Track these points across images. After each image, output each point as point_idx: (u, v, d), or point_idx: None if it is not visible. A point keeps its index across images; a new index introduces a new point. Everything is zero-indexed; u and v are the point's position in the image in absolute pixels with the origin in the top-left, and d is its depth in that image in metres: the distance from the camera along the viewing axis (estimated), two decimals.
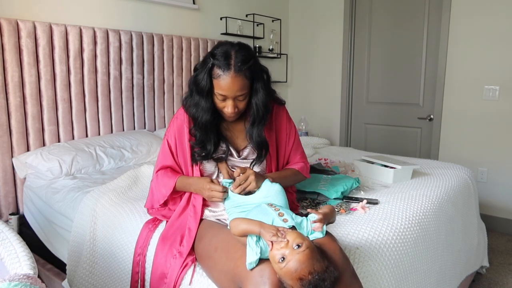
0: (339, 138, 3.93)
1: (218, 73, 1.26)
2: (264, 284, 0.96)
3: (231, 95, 1.28)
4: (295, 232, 1.00)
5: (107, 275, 1.56)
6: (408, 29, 3.37)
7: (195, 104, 1.34)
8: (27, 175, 2.19)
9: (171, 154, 1.42)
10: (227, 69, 1.25)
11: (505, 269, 2.50)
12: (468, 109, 3.11)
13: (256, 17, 3.63)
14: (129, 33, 2.63)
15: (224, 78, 1.25)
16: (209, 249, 1.20)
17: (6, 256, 1.07)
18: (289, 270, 0.93)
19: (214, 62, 1.27)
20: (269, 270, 0.98)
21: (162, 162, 1.43)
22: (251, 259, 0.99)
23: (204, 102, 1.32)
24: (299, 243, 0.95)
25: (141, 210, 1.60)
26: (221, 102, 1.31)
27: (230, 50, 1.27)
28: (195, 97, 1.33)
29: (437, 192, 1.81)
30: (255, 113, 1.36)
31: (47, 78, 2.25)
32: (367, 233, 1.34)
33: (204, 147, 1.37)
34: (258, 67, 1.33)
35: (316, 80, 4.02)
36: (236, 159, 1.42)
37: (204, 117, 1.33)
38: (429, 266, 1.52)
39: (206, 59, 1.31)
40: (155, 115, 2.89)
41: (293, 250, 0.94)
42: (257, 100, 1.34)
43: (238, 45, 1.31)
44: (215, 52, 1.29)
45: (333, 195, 1.70)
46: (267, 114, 1.38)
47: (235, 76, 1.25)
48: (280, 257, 0.94)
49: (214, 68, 1.27)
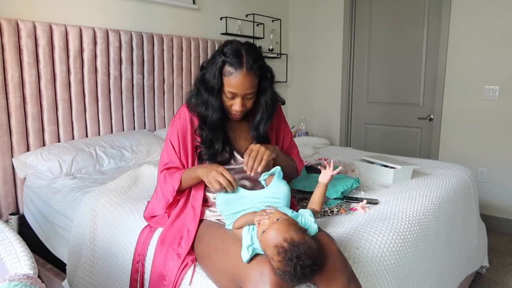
0: (339, 138, 3.93)
1: (230, 70, 1.26)
2: (264, 283, 0.97)
3: (241, 92, 1.28)
4: (278, 211, 1.07)
5: (107, 275, 1.56)
6: (408, 29, 3.37)
7: (203, 102, 1.33)
8: (27, 175, 2.19)
9: (176, 154, 1.39)
10: (239, 67, 1.25)
11: (505, 269, 2.50)
12: (468, 109, 3.11)
13: (256, 17, 3.63)
14: (129, 33, 2.63)
15: (236, 76, 1.26)
16: (208, 250, 1.20)
17: (6, 256, 1.07)
18: (267, 238, 0.99)
19: (226, 60, 1.27)
20: (268, 269, 0.99)
21: (166, 162, 1.41)
22: (244, 245, 1.05)
23: (214, 100, 1.31)
24: (279, 217, 1.02)
25: (141, 210, 1.60)
26: (229, 100, 1.31)
27: (241, 49, 1.28)
28: (203, 95, 1.32)
29: (437, 192, 1.81)
30: (264, 110, 1.37)
31: (47, 78, 2.25)
32: (367, 233, 1.34)
33: (211, 146, 1.36)
34: (265, 66, 1.34)
35: (316, 80, 4.02)
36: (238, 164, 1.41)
37: (215, 115, 1.32)
38: (429, 266, 1.52)
39: (215, 56, 1.31)
40: (155, 115, 2.89)
41: (272, 223, 1.01)
42: (266, 99, 1.36)
43: (247, 44, 1.32)
44: (225, 51, 1.28)
45: (333, 195, 1.70)
46: (274, 112, 1.41)
47: (247, 74, 1.26)
48: (261, 230, 1.01)
49: (226, 65, 1.27)
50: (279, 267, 0.94)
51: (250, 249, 1.03)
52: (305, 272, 0.93)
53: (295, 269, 0.92)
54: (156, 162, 2.38)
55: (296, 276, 0.93)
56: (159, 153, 2.50)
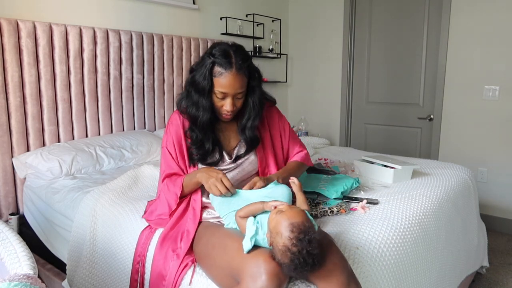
0: (339, 138, 3.93)
1: (220, 71, 1.29)
2: (261, 275, 0.97)
3: (231, 92, 1.31)
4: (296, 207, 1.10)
5: (107, 275, 1.56)
6: (408, 29, 3.37)
7: (194, 104, 1.36)
8: (27, 175, 2.19)
9: (174, 160, 1.42)
10: (229, 67, 1.28)
11: (505, 269, 2.50)
12: (468, 109, 3.11)
13: (256, 17, 3.63)
14: (129, 33, 2.63)
15: (226, 76, 1.28)
16: (207, 249, 1.21)
17: (6, 256, 1.07)
18: (284, 216, 1.01)
19: (215, 61, 1.29)
20: (264, 260, 1.00)
21: (166, 170, 1.42)
22: (248, 235, 1.05)
23: (204, 101, 1.33)
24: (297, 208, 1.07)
25: (141, 210, 1.60)
26: (220, 100, 1.34)
27: (229, 50, 1.31)
28: (194, 97, 1.35)
29: (437, 192, 1.81)
30: (251, 110, 1.40)
31: (47, 78, 2.25)
32: (367, 233, 1.34)
33: (201, 147, 1.38)
34: (253, 66, 1.38)
35: (316, 80, 4.02)
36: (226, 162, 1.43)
37: (205, 116, 1.35)
38: (429, 266, 1.52)
39: (204, 58, 1.33)
40: (155, 115, 2.89)
41: (291, 207, 1.06)
42: (254, 98, 1.39)
43: (234, 46, 1.35)
44: (213, 52, 1.31)
45: (333, 195, 1.70)
46: (261, 111, 1.43)
47: (237, 74, 1.29)
48: (279, 210, 1.04)
49: (215, 66, 1.30)
50: (286, 244, 0.96)
51: (253, 240, 1.05)
52: (308, 260, 0.95)
53: (300, 251, 0.94)
54: (156, 162, 2.38)
55: (297, 260, 0.94)
56: (159, 153, 2.50)
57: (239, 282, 1.02)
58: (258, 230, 1.07)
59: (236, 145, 1.47)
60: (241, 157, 1.45)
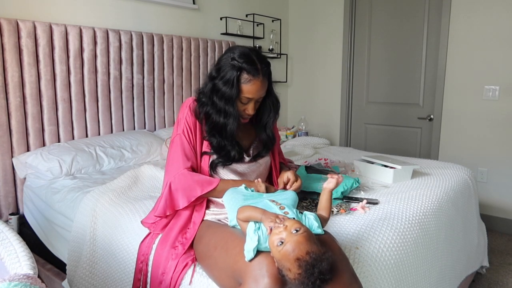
0: (339, 138, 3.93)
1: (248, 78, 1.30)
2: (263, 277, 0.97)
3: (257, 97, 1.35)
4: (294, 220, 1.02)
5: (107, 275, 1.56)
6: (408, 29, 3.37)
7: (219, 111, 1.34)
8: (27, 175, 2.19)
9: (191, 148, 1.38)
10: (256, 74, 1.31)
11: (505, 269, 2.50)
12: (468, 109, 3.11)
13: (256, 17, 3.63)
14: (129, 33, 2.63)
15: (254, 83, 1.31)
16: (208, 249, 1.21)
17: (6, 256, 1.07)
18: (287, 251, 0.95)
19: (242, 67, 1.29)
20: (267, 263, 0.99)
21: (186, 160, 1.36)
22: (249, 247, 1.02)
23: (232, 109, 1.33)
24: (297, 228, 0.97)
25: (141, 210, 1.60)
26: (243, 105, 1.36)
27: (251, 55, 1.32)
28: (219, 104, 1.33)
29: (437, 192, 1.81)
30: (271, 109, 1.45)
31: (47, 78, 2.25)
32: (367, 233, 1.34)
33: (227, 154, 1.38)
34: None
35: (316, 80, 4.03)
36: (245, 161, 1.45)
37: (235, 124, 1.35)
38: (429, 266, 1.52)
39: (225, 65, 1.31)
40: (155, 115, 2.89)
41: (291, 233, 0.96)
42: (273, 99, 1.45)
43: (254, 50, 1.37)
44: (236, 58, 1.30)
45: (333, 195, 1.70)
46: (278, 111, 1.49)
47: (263, 80, 1.33)
48: (278, 241, 0.96)
49: (243, 73, 1.30)
50: (298, 278, 0.93)
51: (255, 250, 1.02)
52: (322, 285, 0.93)
53: (314, 282, 0.92)
54: (156, 162, 2.38)
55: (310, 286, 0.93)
56: (159, 153, 2.50)
57: (241, 284, 1.02)
58: (260, 239, 1.03)
59: (251, 144, 1.49)
60: (260, 156, 1.49)
